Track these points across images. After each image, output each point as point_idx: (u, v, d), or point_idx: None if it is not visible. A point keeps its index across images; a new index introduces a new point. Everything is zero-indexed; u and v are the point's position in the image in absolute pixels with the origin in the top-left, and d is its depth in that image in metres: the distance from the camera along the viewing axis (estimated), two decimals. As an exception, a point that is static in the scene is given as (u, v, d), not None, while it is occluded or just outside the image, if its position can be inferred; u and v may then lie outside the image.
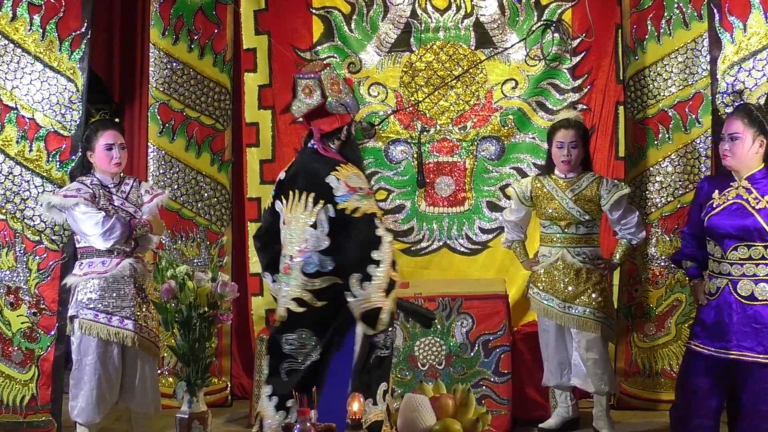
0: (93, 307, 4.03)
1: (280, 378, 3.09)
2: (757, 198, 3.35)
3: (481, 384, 4.60)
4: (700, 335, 3.46)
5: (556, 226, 4.45)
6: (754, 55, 4.19)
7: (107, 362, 4.03)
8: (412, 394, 3.03)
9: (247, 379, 5.38)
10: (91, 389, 4.01)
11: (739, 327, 3.34)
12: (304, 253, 3.06)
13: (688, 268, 3.68)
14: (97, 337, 4.01)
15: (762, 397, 3.32)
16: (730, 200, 3.41)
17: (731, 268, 3.39)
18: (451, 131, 5.51)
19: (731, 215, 3.37)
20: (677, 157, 4.97)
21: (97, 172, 4.17)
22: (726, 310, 3.38)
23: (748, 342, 3.32)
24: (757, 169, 3.40)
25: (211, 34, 5.40)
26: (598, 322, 4.36)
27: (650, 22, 5.00)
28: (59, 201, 4.04)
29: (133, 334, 4.04)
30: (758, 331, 3.31)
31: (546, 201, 4.47)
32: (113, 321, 4.04)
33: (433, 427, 2.74)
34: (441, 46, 5.52)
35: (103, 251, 4.06)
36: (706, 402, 3.46)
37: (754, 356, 3.31)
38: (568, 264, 4.42)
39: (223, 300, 3.59)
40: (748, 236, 3.33)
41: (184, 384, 3.49)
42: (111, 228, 3.98)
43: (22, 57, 4.50)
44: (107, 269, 4.06)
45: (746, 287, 3.36)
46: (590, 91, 5.37)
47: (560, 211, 4.42)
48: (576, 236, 4.44)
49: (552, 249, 4.48)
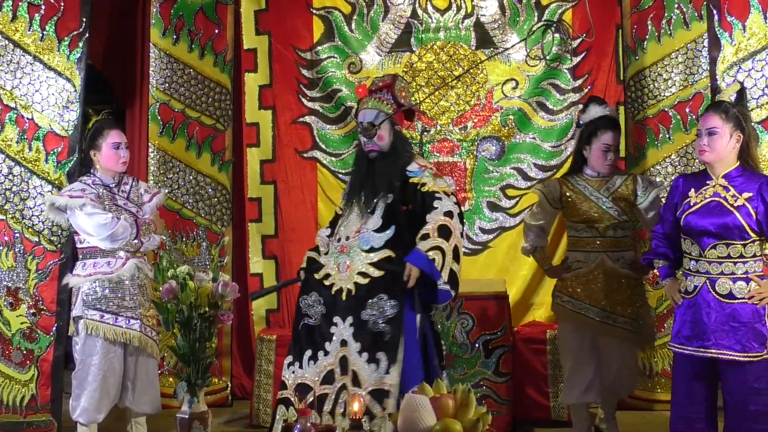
0: (99, 308, 4.04)
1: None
2: (735, 196, 3.35)
3: (482, 384, 4.60)
4: (679, 335, 3.47)
5: (592, 230, 4.12)
6: (753, 56, 4.19)
7: (111, 362, 4.05)
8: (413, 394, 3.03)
9: (247, 379, 5.38)
10: (94, 389, 4.02)
11: (718, 325, 3.34)
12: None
13: (660, 268, 3.66)
14: (102, 337, 4.02)
15: (746, 397, 3.32)
16: (708, 198, 3.40)
17: (709, 267, 3.38)
18: (451, 131, 5.51)
19: (710, 213, 3.37)
20: (678, 158, 4.97)
21: (98, 171, 4.17)
22: (704, 308, 3.37)
23: (726, 341, 3.32)
24: (733, 166, 3.40)
25: (212, 35, 5.40)
26: (637, 333, 4.08)
27: (651, 22, 5.00)
28: (65, 201, 4.04)
29: (139, 334, 4.07)
30: (736, 329, 3.32)
31: (579, 202, 4.14)
32: (119, 321, 4.05)
33: (433, 427, 2.73)
34: (441, 46, 5.52)
35: (108, 251, 4.07)
36: (696, 402, 3.46)
37: (732, 354, 3.31)
38: (608, 270, 4.08)
39: (224, 300, 3.58)
40: (727, 234, 3.33)
41: (184, 384, 3.48)
42: (119, 229, 3.99)
43: (22, 57, 4.49)
44: (113, 269, 4.07)
45: (724, 286, 3.35)
46: (591, 91, 5.37)
47: (597, 213, 4.10)
48: (615, 239, 4.11)
49: (589, 254, 4.12)
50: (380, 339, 3.47)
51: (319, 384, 3.53)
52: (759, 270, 3.36)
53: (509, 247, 5.46)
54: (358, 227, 3.65)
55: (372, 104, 3.72)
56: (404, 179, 3.67)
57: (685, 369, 3.47)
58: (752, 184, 3.35)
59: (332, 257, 3.70)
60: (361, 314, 3.52)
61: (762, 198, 3.31)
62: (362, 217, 3.65)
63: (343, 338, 3.54)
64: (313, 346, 3.59)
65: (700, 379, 3.45)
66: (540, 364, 4.77)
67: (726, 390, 3.41)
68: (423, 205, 3.61)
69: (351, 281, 3.58)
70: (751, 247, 3.34)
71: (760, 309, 3.32)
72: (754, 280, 3.33)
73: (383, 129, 3.69)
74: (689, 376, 3.46)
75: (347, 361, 3.51)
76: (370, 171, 3.71)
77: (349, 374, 3.49)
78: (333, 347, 3.55)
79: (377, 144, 3.70)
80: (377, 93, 3.75)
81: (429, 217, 3.58)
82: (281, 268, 5.59)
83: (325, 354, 3.56)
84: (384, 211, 3.63)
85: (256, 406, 4.85)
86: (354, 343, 3.51)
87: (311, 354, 3.59)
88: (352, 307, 3.55)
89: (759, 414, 3.32)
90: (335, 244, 3.72)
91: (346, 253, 3.64)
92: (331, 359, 3.54)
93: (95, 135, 4.17)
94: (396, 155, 3.72)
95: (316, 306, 3.64)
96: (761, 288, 3.32)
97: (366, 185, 3.69)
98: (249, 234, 5.63)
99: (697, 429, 3.46)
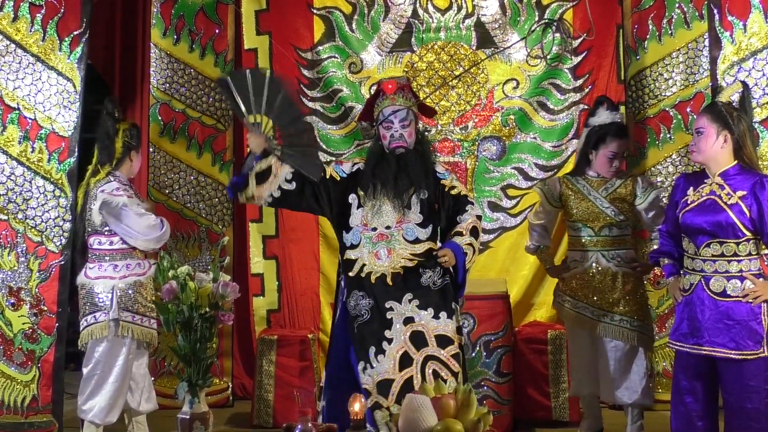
0: (131, 309, 4.14)
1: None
2: (729, 194, 3.36)
3: (483, 384, 4.60)
4: (677, 333, 3.49)
5: (588, 229, 4.20)
6: (754, 55, 4.19)
7: (131, 364, 4.17)
8: (414, 395, 3.03)
9: (248, 379, 5.38)
10: (114, 390, 4.12)
11: (712, 323, 3.35)
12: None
13: (665, 266, 3.68)
14: (130, 338, 4.09)
15: (744, 395, 3.33)
16: (704, 196, 3.42)
17: (704, 265, 3.39)
18: (452, 131, 5.51)
19: (704, 211, 3.38)
20: (678, 157, 4.97)
21: (121, 172, 4.24)
22: (698, 306, 3.39)
23: (720, 338, 3.33)
24: (730, 165, 3.41)
25: (212, 35, 5.40)
26: (634, 331, 4.11)
27: (651, 21, 5.00)
28: (124, 200, 4.11)
29: (157, 334, 4.21)
30: (730, 327, 3.33)
31: (577, 201, 4.22)
32: (145, 322, 4.18)
33: (434, 427, 2.73)
34: (442, 46, 5.52)
35: (138, 253, 4.19)
36: (696, 401, 3.46)
37: (726, 352, 3.32)
38: (603, 269, 4.16)
39: (225, 300, 3.59)
40: (721, 232, 3.34)
41: (185, 384, 3.49)
42: (165, 230, 4.12)
43: (24, 57, 4.49)
44: (145, 271, 4.20)
45: (718, 284, 3.36)
46: (591, 91, 5.37)
47: (593, 212, 4.17)
48: (610, 238, 4.17)
49: (584, 253, 4.20)
50: (445, 295, 3.61)
51: (399, 371, 3.48)
52: (755, 269, 3.36)
53: (510, 247, 5.46)
54: (399, 218, 3.66)
55: (402, 101, 3.74)
56: (436, 179, 3.75)
57: (685, 367, 3.48)
58: (747, 182, 3.36)
59: (366, 246, 3.66)
60: (421, 281, 3.59)
61: (755, 196, 3.32)
62: (399, 210, 3.67)
63: (407, 316, 3.55)
64: (375, 341, 3.54)
65: (700, 378, 3.45)
66: (541, 364, 4.77)
67: (724, 388, 3.41)
68: (455, 207, 3.72)
69: (397, 265, 3.61)
70: (746, 246, 3.35)
71: (755, 307, 3.33)
72: (749, 279, 3.33)
73: (412, 126, 3.75)
74: (689, 375, 3.47)
75: (420, 334, 3.52)
76: (400, 166, 3.71)
77: (429, 343, 3.51)
78: (396, 332, 3.53)
79: (407, 140, 3.72)
80: (402, 91, 3.78)
81: (461, 218, 3.70)
82: (282, 268, 5.59)
83: (389, 343, 3.52)
84: (420, 207, 3.68)
85: (257, 407, 4.85)
86: (421, 311, 3.55)
87: (376, 349, 3.53)
88: (405, 285, 3.59)
89: (757, 412, 3.33)
90: (369, 233, 3.67)
91: (385, 241, 3.64)
92: (399, 343, 3.51)
93: (139, 137, 4.34)
94: (423, 152, 3.78)
95: (361, 302, 3.61)
96: (756, 287, 3.32)
97: (399, 179, 3.69)
98: (250, 234, 5.62)
99: (697, 427, 3.46)
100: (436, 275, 3.63)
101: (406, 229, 3.66)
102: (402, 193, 3.68)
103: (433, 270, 3.64)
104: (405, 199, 3.68)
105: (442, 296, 3.62)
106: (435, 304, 3.59)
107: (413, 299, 3.58)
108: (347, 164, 3.83)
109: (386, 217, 3.68)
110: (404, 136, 3.71)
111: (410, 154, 3.74)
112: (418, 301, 3.57)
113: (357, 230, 3.70)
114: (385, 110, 3.75)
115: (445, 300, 3.62)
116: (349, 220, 3.73)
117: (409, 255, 3.63)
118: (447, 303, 3.62)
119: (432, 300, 3.59)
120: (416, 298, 3.58)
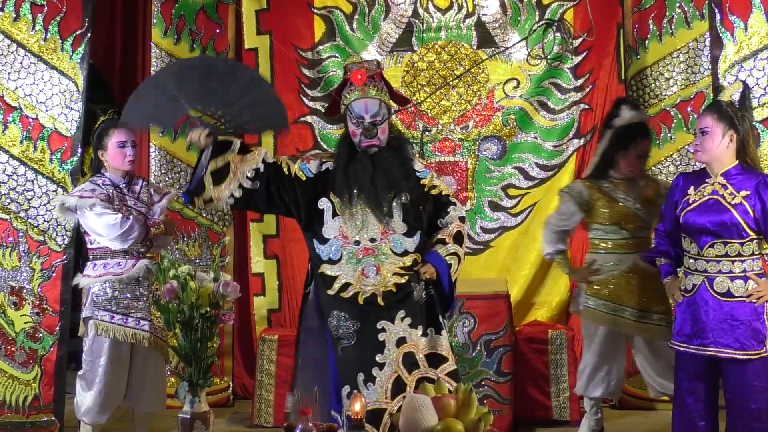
0: (108, 309, 4.03)
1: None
2: (732, 194, 3.35)
3: (483, 384, 4.60)
4: (680, 334, 3.48)
5: (624, 231, 4.13)
6: (754, 55, 4.19)
7: (118, 363, 4.04)
8: (414, 394, 3.04)
9: (249, 379, 5.39)
10: (100, 390, 4.01)
11: (716, 324, 3.34)
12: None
13: (662, 266, 3.67)
14: (111, 338, 4.02)
15: (747, 395, 3.33)
16: (706, 196, 3.40)
17: (707, 265, 3.38)
18: (452, 131, 5.51)
19: (707, 211, 3.37)
20: (679, 157, 4.97)
21: (108, 171, 4.17)
22: (702, 307, 3.38)
23: (724, 339, 3.33)
24: (732, 165, 3.40)
25: (213, 34, 5.40)
26: (669, 328, 4.00)
27: (652, 21, 5.00)
28: (74, 201, 4.03)
29: (149, 335, 4.04)
30: (735, 327, 3.32)
31: (608, 204, 4.14)
32: (129, 322, 4.04)
33: (434, 427, 2.74)
34: (443, 45, 5.52)
35: (118, 252, 4.06)
36: (698, 401, 3.47)
37: (731, 352, 3.32)
38: (641, 270, 4.08)
39: (225, 300, 3.59)
40: (725, 232, 3.33)
41: (186, 384, 3.50)
42: (129, 229, 3.98)
43: (26, 57, 4.50)
44: (123, 270, 4.05)
45: (722, 284, 3.36)
46: (592, 91, 5.38)
47: (627, 214, 4.12)
48: (644, 239, 4.14)
49: (621, 256, 4.13)
50: (431, 310, 3.39)
51: (391, 398, 3.24)
52: (758, 269, 3.36)
53: (511, 246, 5.47)
54: (383, 228, 3.33)
55: (375, 93, 3.35)
56: (416, 179, 3.43)
57: (687, 367, 3.48)
58: (750, 182, 3.35)
59: (349, 263, 3.31)
60: (413, 296, 3.33)
61: (759, 196, 3.31)
62: (381, 220, 3.32)
63: (400, 336, 3.29)
64: (363, 367, 3.27)
65: (702, 378, 3.45)
66: (541, 363, 4.77)
67: (727, 388, 3.42)
68: (435, 208, 3.46)
69: (388, 283, 3.30)
70: (749, 246, 3.34)
71: (758, 307, 3.33)
72: (752, 279, 3.34)
73: (386, 121, 3.35)
74: (691, 375, 3.47)
75: (410, 354, 3.29)
76: (376, 167, 3.34)
77: (419, 365, 3.28)
78: (389, 354, 3.28)
79: (380, 138, 3.36)
80: (373, 80, 3.36)
81: (443, 221, 3.46)
82: (283, 267, 5.60)
83: (380, 368, 3.27)
84: (404, 213, 3.36)
85: (257, 406, 4.85)
86: (412, 330, 3.31)
87: (365, 376, 3.26)
88: (397, 302, 3.32)
89: (760, 412, 3.33)
90: (351, 248, 3.31)
91: (371, 256, 3.31)
92: (392, 368, 3.27)
93: (101, 135, 4.17)
94: (399, 149, 3.45)
95: (345, 323, 3.30)
96: (759, 287, 3.32)
97: (377, 183, 3.33)
98: (250, 234, 5.63)
99: (699, 428, 3.47)
100: (422, 288, 3.38)
101: (394, 240, 3.33)
102: (381, 200, 3.30)
103: (418, 283, 3.37)
104: (385, 207, 3.31)
105: (428, 311, 3.37)
106: (423, 320, 3.34)
107: (405, 317, 3.31)
108: (314, 162, 3.43)
109: (369, 229, 3.31)
110: (378, 135, 3.33)
111: (385, 153, 3.36)
112: (410, 320, 3.32)
113: (335, 243, 3.32)
114: (353, 105, 3.35)
115: (430, 315, 3.37)
116: (323, 230, 3.35)
117: (399, 270, 3.30)
118: (434, 318, 3.38)
119: (422, 316, 3.35)
120: (408, 315, 3.31)
